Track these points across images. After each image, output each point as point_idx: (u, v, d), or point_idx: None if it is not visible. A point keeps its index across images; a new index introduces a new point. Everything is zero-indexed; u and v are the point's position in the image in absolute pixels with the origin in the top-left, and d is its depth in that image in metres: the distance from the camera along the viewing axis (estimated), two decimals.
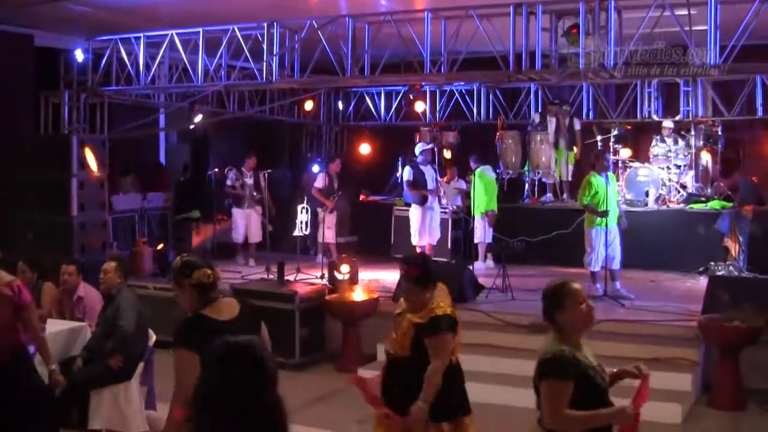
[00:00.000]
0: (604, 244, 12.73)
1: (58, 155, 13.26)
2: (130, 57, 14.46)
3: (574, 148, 17.25)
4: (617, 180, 16.08)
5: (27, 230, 12.89)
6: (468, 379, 10.37)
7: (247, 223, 16.42)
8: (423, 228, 15.32)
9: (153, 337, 9.05)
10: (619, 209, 13.43)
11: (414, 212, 15.41)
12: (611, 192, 12.91)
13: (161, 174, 19.18)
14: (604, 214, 12.64)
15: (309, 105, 17.37)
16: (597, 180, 12.84)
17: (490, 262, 15.54)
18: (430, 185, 15.21)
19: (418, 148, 15.66)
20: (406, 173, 15.52)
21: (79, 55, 14.74)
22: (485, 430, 8.98)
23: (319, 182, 16.16)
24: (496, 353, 11.17)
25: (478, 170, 15.59)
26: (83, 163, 13.40)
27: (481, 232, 15.51)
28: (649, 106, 17.55)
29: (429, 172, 15.28)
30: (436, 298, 6.30)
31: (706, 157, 16.95)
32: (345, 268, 12.88)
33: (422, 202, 15.16)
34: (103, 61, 14.67)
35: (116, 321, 8.65)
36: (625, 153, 17.04)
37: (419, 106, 18.98)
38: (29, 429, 6.86)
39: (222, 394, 3.04)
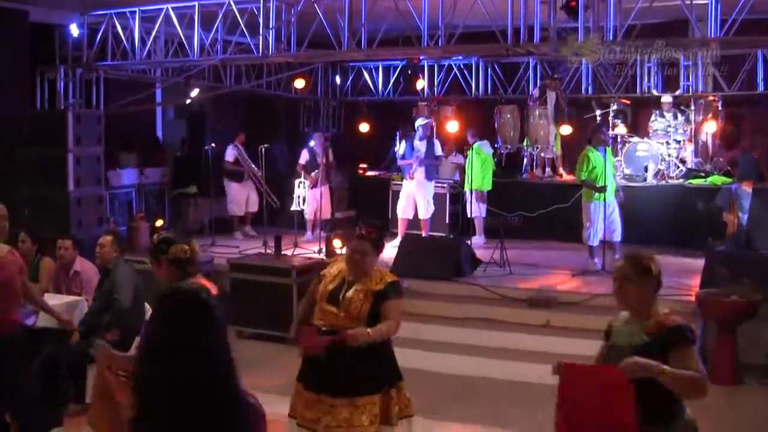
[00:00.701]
0: (603, 218, 12.72)
1: (54, 131, 13.20)
2: (125, 32, 14.37)
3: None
4: (616, 155, 16.05)
5: (23, 206, 12.83)
6: (465, 352, 10.48)
7: (247, 196, 16.53)
8: (408, 202, 15.38)
9: (149, 312, 9.03)
10: (616, 183, 13.41)
11: (403, 186, 15.54)
12: (608, 166, 12.89)
13: (158, 150, 19.16)
14: (602, 189, 12.63)
15: (300, 83, 17.27)
16: (594, 155, 12.82)
17: (483, 238, 15.49)
18: (412, 158, 15.26)
19: (418, 123, 15.62)
20: (401, 148, 15.51)
21: (75, 31, 14.65)
22: (483, 403, 9.01)
23: (302, 158, 16.16)
24: (494, 327, 11.18)
25: (475, 145, 15.53)
26: (79, 139, 13.34)
27: (475, 207, 15.44)
28: (649, 80, 17.47)
29: (423, 147, 15.24)
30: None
31: (705, 132, 16.89)
32: (338, 242, 12.91)
33: (411, 176, 15.26)
34: (99, 36, 14.56)
35: (112, 295, 8.66)
36: (624, 128, 16.98)
37: (419, 84, 18.89)
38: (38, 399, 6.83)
39: (161, 339, 2.93)
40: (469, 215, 15.51)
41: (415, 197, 15.32)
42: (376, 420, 5.96)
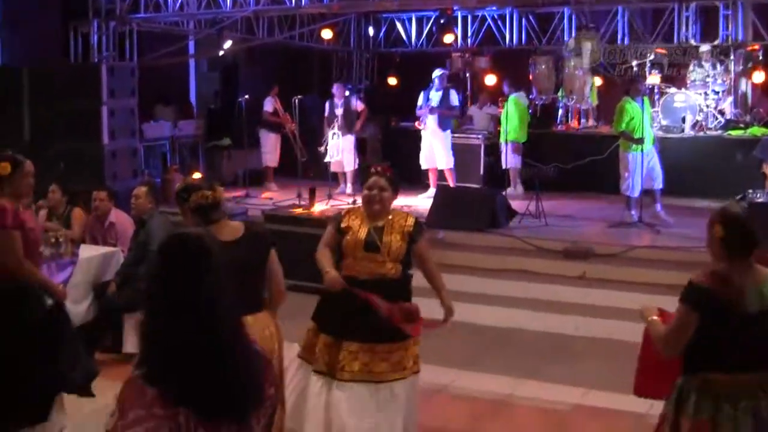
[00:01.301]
0: (641, 168, 12.61)
1: (88, 84, 13.19)
2: None
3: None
4: (653, 106, 15.86)
5: (59, 159, 12.86)
6: (501, 304, 10.45)
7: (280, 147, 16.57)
8: (428, 152, 15.35)
9: None
10: (653, 133, 13.28)
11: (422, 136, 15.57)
12: (646, 117, 12.76)
13: (186, 107, 19.16)
14: (640, 141, 12.51)
15: (328, 33, 17.16)
16: (632, 105, 12.68)
17: (520, 188, 15.39)
18: (424, 107, 15.31)
19: (435, 74, 15.50)
20: (420, 99, 15.54)
21: None
22: (518, 355, 8.99)
23: (327, 110, 16.12)
24: (530, 278, 11.13)
25: (511, 96, 15.43)
26: (113, 92, 13.33)
27: (511, 158, 15.34)
28: (687, 30, 17.21)
29: (437, 97, 15.20)
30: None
31: (745, 82, 16.66)
32: None
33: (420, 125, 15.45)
34: None
35: (147, 246, 8.67)
36: (659, 78, 16.74)
37: (448, 38, 18.71)
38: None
39: (158, 283, 2.90)
40: (504, 167, 15.40)
41: (432, 147, 15.29)
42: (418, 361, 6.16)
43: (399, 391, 5.99)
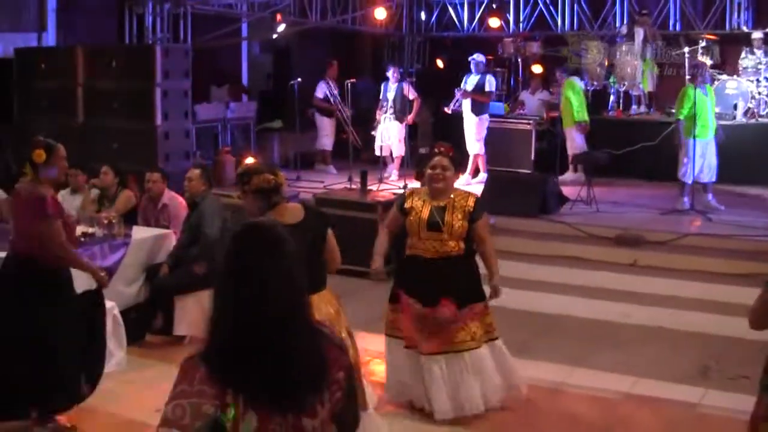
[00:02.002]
0: (701, 155, 12.54)
1: (142, 65, 13.28)
2: None
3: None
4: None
5: (112, 139, 12.98)
6: (550, 290, 10.42)
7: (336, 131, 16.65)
8: (469, 136, 15.41)
9: None
10: (716, 122, 13.18)
11: None
12: (709, 105, 12.68)
13: (239, 89, 19.23)
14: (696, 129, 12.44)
15: (382, 12, 17.17)
16: (695, 93, 12.56)
17: (580, 174, 15.31)
18: (457, 92, 15.53)
19: (472, 59, 15.57)
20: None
21: None
22: (568, 342, 8.97)
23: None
24: (580, 265, 11.12)
25: (567, 81, 15.39)
26: (167, 73, 13.41)
27: (577, 143, 15.26)
28: (739, 16, 17.03)
29: (474, 81, 15.24)
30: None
31: None
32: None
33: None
34: None
35: (200, 228, 8.73)
36: (713, 65, 16.58)
37: (494, 22, 18.59)
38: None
39: (230, 273, 2.91)
40: (569, 151, 15.32)
41: (465, 132, 15.32)
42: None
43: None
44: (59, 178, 6.68)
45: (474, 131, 15.21)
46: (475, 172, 15.16)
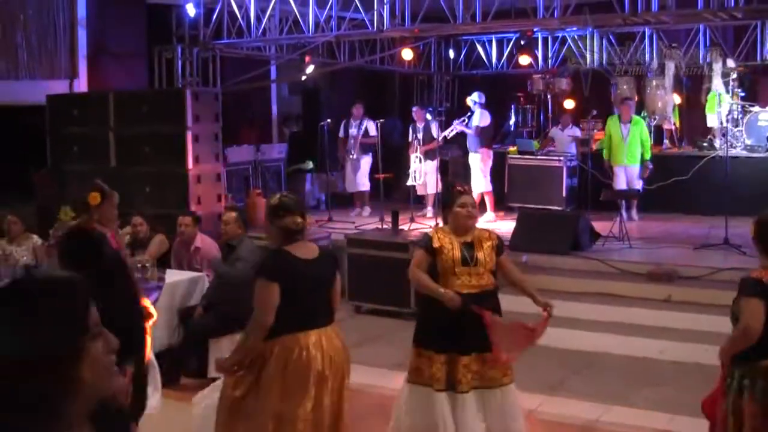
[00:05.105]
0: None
1: (172, 109, 13.40)
2: (240, 10, 14.52)
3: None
4: (737, 125, 15.66)
5: (144, 183, 13.09)
6: (585, 328, 10.35)
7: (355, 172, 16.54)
8: (475, 172, 15.55)
9: None
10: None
11: None
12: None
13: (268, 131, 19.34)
14: None
15: (409, 54, 17.26)
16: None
17: (634, 213, 15.20)
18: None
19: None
20: None
21: (191, 10, 14.82)
22: (604, 380, 8.90)
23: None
24: (612, 302, 11.03)
25: (635, 117, 15.27)
26: (198, 116, 13.52)
27: (636, 180, 15.18)
28: None
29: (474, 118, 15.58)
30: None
31: None
32: None
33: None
34: (214, 15, 14.74)
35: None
36: (743, 97, 16.49)
37: (524, 59, 18.62)
38: None
39: None
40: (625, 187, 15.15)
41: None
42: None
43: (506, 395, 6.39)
44: (110, 221, 6.87)
45: (478, 168, 15.39)
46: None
